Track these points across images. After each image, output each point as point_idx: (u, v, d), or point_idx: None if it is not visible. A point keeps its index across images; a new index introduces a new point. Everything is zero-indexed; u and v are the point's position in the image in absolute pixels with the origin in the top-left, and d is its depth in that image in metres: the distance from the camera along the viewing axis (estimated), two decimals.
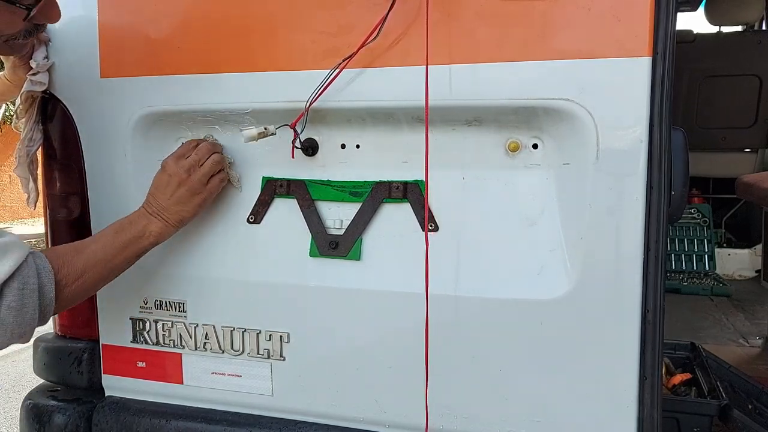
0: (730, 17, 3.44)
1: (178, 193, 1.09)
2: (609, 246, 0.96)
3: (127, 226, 1.07)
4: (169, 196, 1.09)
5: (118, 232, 1.06)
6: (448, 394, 1.05)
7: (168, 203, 1.09)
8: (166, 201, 1.09)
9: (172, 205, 1.09)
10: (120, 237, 1.05)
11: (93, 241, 1.04)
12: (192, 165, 1.09)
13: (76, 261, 1.00)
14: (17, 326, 0.90)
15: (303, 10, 1.05)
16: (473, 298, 1.03)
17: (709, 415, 1.23)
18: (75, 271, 0.99)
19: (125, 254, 1.06)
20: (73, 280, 0.99)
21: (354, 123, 1.10)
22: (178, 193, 1.09)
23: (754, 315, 2.46)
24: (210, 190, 1.12)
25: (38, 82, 1.19)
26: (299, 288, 1.13)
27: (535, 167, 1.04)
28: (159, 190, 1.10)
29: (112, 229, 1.07)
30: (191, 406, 1.22)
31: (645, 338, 0.95)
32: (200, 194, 1.11)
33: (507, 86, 0.97)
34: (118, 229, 1.06)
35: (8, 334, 0.90)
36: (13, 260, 0.89)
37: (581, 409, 1.00)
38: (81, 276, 1.00)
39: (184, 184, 1.09)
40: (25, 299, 0.90)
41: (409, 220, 1.08)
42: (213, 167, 1.11)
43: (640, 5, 0.90)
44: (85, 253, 1.01)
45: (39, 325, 0.95)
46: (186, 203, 1.10)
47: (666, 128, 0.92)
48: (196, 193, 1.10)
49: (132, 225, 1.07)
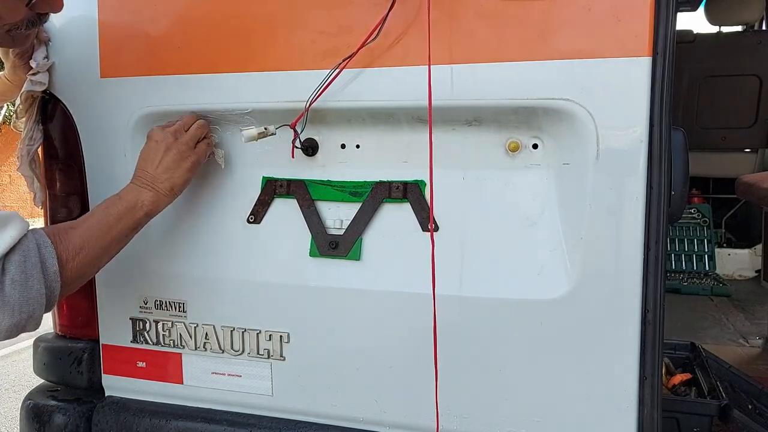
0: (730, 17, 3.43)
1: (167, 158, 1.07)
2: (609, 246, 0.96)
3: (118, 200, 1.06)
4: (158, 164, 1.07)
5: (110, 206, 1.05)
6: (447, 394, 1.05)
7: (157, 171, 1.07)
8: (155, 169, 1.07)
9: (161, 173, 1.07)
10: (113, 210, 1.04)
11: (87, 217, 1.04)
12: (178, 129, 1.09)
13: (73, 236, 0.98)
14: (24, 303, 0.88)
15: (303, 10, 1.05)
16: (473, 298, 1.03)
17: (709, 415, 1.23)
18: (74, 246, 0.97)
19: (120, 227, 1.04)
20: (74, 255, 0.97)
21: (354, 123, 1.10)
22: (166, 159, 1.07)
23: (754, 315, 2.46)
24: (198, 153, 1.11)
25: (38, 82, 1.19)
26: (299, 288, 1.13)
27: (535, 167, 1.04)
28: (147, 161, 1.08)
29: (104, 204, 1.06)
30: (191, 406, 1.22)
31: (645, 338, 0.95)
32: (189, 158, 1.09)
33: (507, 86, 0.97)
34: (109, 204, 1.05)
35: (16, 313, 0.87)
36: (15, 231, 0.88)
37: (581, 409, 1.00)
38: (80, 251, 0.98)
39: (171, 148, 1.07)
40: (28, 272, 0.88)
41: (409, 220, 1.08)
42: (200, 130, 1.11)
43: (640, 5, 0.90)
44: (81, 228, 1.00)
45: (47, 311, 0.94)
46: (175, 169, 1.08)
47: (666, 128, 0.92)
48: (185, 157, 1.09)
49: (123, 198, 1.06)
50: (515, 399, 1.02)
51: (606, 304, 0.97)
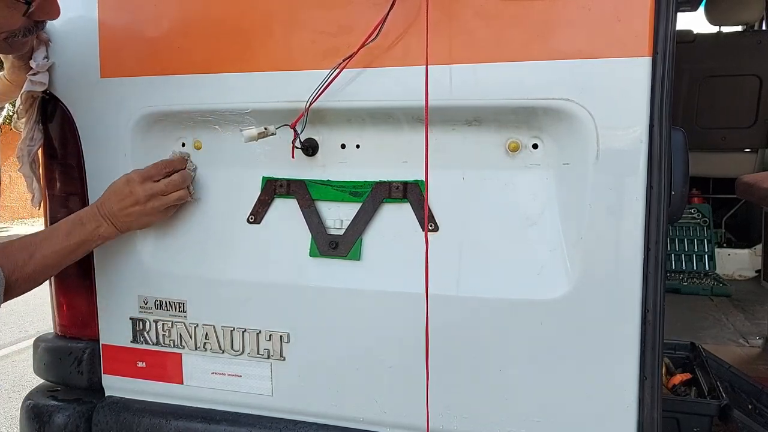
0: (730, 17, 3.43)
1: (131, 210, 1.11)
2: (609, 246, 0.96)
3: (79, 227, 1.10)
4: (122, 208, 1.11)
5: (70, 233, 1.09)
6: (448, 394, 1.05)
7: (118, 213, 1.11)
8: (118, 210, 1.11)
9: (122, 216, 1.11)
10: (71, 239, 1.09)
11: (44, 243, 1.07)
12: (156, 193, 1.11)
13: (28, 266, 1.04)
14: None
15: (303, 10, 1.05)
16: (473, 298, 1.03)
17: (709, 415, 1.23)
18: (25, 275, 1.04)
19: (74, 256, 1.11)
20: (22, 282, 1.04)
21: (354, 123, 1.10)
22: (130, 209, 1.11)
23: (754, 315, 2.46)
24: (162, 215, 1.15)
25: (38, 82, 1.19)
26: (299, 288, 1.13)
27: (535, 167, 1.04)
28: (115, 197, 1.12)
29: (65, 229, 1.10)
30: (191, 406, 1.22)
31: (645, 338, 0.95)
32: (152, 217, 1.14)
33: (507, 86, 0.97)
34: (70, 231, 1.09)
35: None
36: None
37: (581, 409, 1.00)
38: (30, 278, 1.05)
39: (139, 205, 1.11)
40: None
41: (409, 220, 1.08)
42: (175, 201, 1.14)
43: (640, 5, 0.90)
44: (36, 258, 1.05)
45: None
46: (135, 220, 1.13)
47: (666, 128, 0.91)
48: (149, 215, 1.13)
49: (83, 227, 1.10)
50: (515, 399, 1.02)
51: (606, 304, 0.97)
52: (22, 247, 1.06)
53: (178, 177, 1.13)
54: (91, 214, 1.11)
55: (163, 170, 1.13)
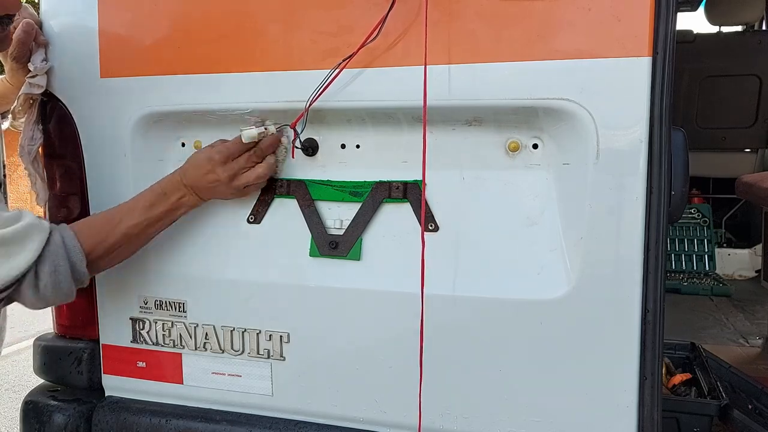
0: (730, 17, 3.43)
1: (213, 186, 1.09)
2: (609, 246, 0.96)
3: (162, 198, 1.08)
4: (204, 183, 1.09)
5: (153, 205, 1.07)
6: (447, 394, 1.05)
7: (201, 186, 1.09)
8: (200, 183, 1.09)
9: (205, 190, 1.10)
10: (154, 211, 1.07)
11: (126, 216, 1.06)
12: (237, 172, 1.08)
13: (109, 239, 1.04)
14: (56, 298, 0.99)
15: (303, 10, 1.05)
16: (473, 298, 1.03)
17: (709, 415, 1.23)
18: (107, 248, 1.04)
19: (158, 226, 1.10)
20: (105, 255, 1.04)
21: (354, 123, 1.10)
22: (212, 186, 1.09)
23: (754, 315, 2.46)
24: (243, 194, 1.13)
25: (36, 84, 1.19)
26: (299, 288, 1.13)
27: (535, 167, 1.04)
28: (196, 171, 1.08)
29: (146, 201, 1.07)
30: (191, 406, 1.22)
31: (645, 338, 0.95)
32: (234, 193, 1.12)
33: (507, 86, 0.97)
34: (153, 202, 1.07)
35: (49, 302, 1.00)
36: (36, 243, 0.93)
37: (581, 409, 1.00)
38: (113, 251, 1.05)
39: (221, 183, 1.08)
40: (59, 278, 0.97)
41: (409, 220, 1.08)
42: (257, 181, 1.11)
43: (640, 5, 0.90)
44: (118, 230, 1.04)
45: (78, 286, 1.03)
46: (219, 194, 1.11)
47: (666, 128, 0.91)
48: (231, 191, 1.11)
49: (167, 197, 1.08)
50: (515, 399, 1.02)
51: (606, 304, 0.97)
52: (106, 220, 1.05)
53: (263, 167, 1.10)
54: (175, 185, 1.09)
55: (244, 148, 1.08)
